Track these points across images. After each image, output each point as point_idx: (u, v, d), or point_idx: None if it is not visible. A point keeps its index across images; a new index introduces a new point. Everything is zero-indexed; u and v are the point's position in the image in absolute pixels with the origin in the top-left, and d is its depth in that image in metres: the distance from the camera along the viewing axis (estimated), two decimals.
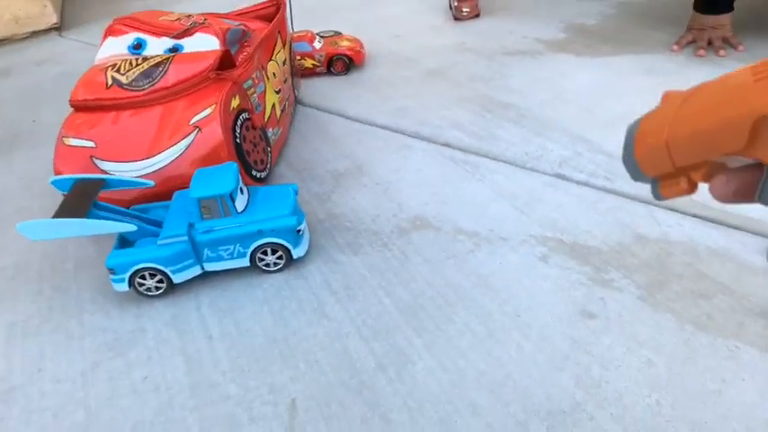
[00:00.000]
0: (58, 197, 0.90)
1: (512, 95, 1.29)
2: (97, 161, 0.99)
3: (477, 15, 1.83)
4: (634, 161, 0.33)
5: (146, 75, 1.02)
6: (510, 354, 0.70)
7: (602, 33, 1.52)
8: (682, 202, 0.89)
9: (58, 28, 2.35)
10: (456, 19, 1.84)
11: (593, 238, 0.86)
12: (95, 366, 0.78)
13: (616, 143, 1.06)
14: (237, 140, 1.01)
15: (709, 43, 1.32)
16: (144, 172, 0.98)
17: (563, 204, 0.94)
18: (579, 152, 1.05)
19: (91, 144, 1.00)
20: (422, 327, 0.76)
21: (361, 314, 0.79)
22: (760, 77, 0.24)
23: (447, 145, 1.16)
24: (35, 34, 2.32)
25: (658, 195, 0.32)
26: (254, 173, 1.05)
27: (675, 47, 1.36)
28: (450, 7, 1.88)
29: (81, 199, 0.84)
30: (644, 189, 0.92)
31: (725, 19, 1.31)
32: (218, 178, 0.85)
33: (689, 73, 1.25)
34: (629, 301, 0.74)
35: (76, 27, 2.40)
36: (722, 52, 1.29)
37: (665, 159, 0.30)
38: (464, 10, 1.80)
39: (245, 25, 1.25)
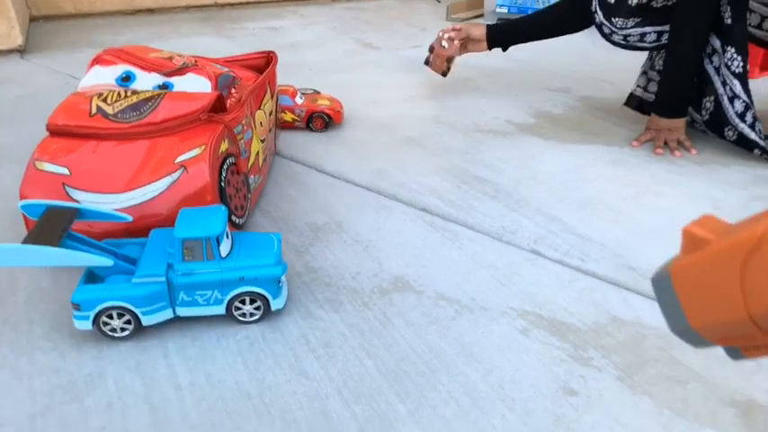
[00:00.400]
0: (10, 222, 0.85)
1: (486, 170, 1.34)
2: (70, 189, 0.95)
3: (447, 69, 1.79)
4: (693, 333, 0.31)
5: (134, 108, 1.00)
6: (495, 426, 0.70)
7: (569, 123, 1.62)
8: (651, 289, 0.93)
9: (21, 50, 2.27)
10: (429, 64, 1.79)
11: (571, 315, 0.88)
12: (46, 411, 0.71)
13: (587, 226, 1.12)
14: (222, 184, 0.99)
15: (666, 143, 1.43)
16: (120, 206, 0.94)
17: (540, 279, 0.96)
18: (553, 231, 1.10)
19: (65, 171, 0.96)
20: (405, 393, 0.74)
21: (342, 375, 0.77)
22: None
23: (425, 210, 1.18)
24: None
25: (739, 357, 0.30)
26: (233, 218, 1.02)
27: (635, 143, 1.46)
28: (428, 62, 1.82)
29: (53, 227, 0.79)
30: (616, 272, 0.96)
31: (679, 122, 1.43)
32: (204, 220, 0.83)
33: (650, 167, 1.35)
34: (609, 381, 0.76)
35: (41, 51, 2.33)
36: (677, 153, 1.40)
37: (751, 330, 0.27)
38: (443, 44, 1.73)
39: (234, 72, 1.26)
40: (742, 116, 1.37)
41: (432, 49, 1.83)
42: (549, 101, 1.81)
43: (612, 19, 1.45)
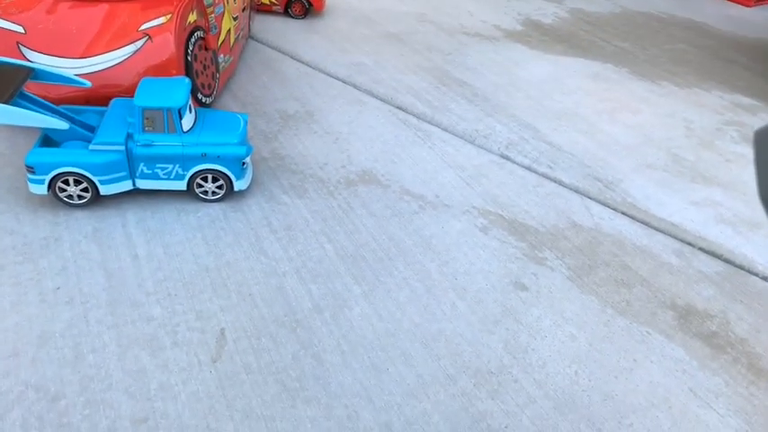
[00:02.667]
0: None
1: (467, 74, 1.31)
2: (24, 49, 0.89)
3: None
4: None
5: None
6: (444, 312, 0.72)
7: (556, 33, 1.57)
8: (614, 200, 0.95)
9: None
10: None
11: (532, 218, 0.89)
12: (0, 269, 0.71)
13: (560, 136, 1.11)
14: (189, 58, 0.94)
15: None
16: (79, 71, 0.89)
17: (506, 183, 0.97)
18: (525, 138, 1.09)
19: (19, 29, 0.90)
20: (361, 276, 0.75)
21: (301, 256, 0.78)
22: None
23: (401, 108, 1.15)
24: None
25: None
26: (199, 96, 0.98)
27: None
28: None
29: (4, 84, 0.75)
30: (581, 182, 0.97)
31: None
32: (167, 91, 0.79)
33: (630, 85, 1.33)
34: (560, 279, 0.78)
35: None
36: None
37: None
38: None
39: None
40: None
41: None
42: (539, 10, 1.74)
43: None
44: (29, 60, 0.89)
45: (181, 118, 0.79)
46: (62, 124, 0.75)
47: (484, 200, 0.92)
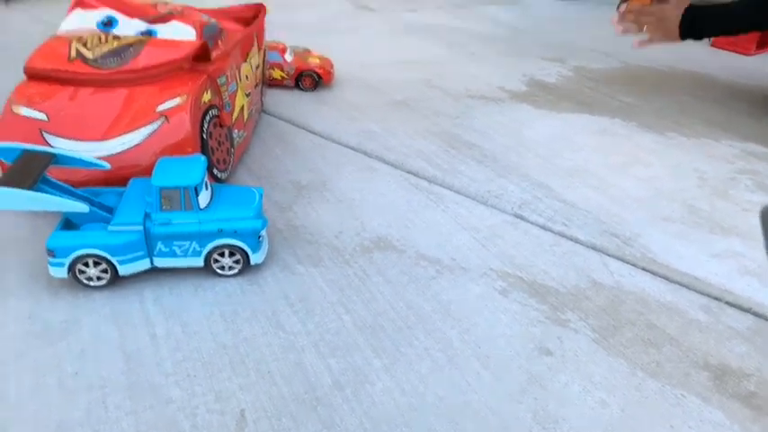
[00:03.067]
0: None
1: (475, 136, 1.33)
2: (47, 135, 0.92)
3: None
4: None
5: (115, 53, 0.97)
6: (469, 382, 0.70)
7: (561, 92, 1.60)
8: (633, 255, 0.94)
9: None
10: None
11: (551, 278, 0.88)
12: (19, 356, 0.70)
13: (573, 193, 1.11)
14: (204, 136, 0.97)
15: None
16: (99, 154, 0.91)
17: (522, 243, 0.96)
18: (538, 197, 1.09)
19: (42, 116, 0.93)
20: (381, 347, 0.74)
21: (319, 328, 0.77)
22: None
23: (411, 173, 1.17)
24: None
25: None
26: (215, 172, 1.00)
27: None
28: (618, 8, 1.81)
29: (28, 171, 0.77)
30: (598, 239, 0.96)
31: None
32: (184, 169, 0.81)
33: (638, 138, 1.35)
34: (585, 342, 0.76)
35: (25, 1, 2.26)
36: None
37: None
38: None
39: (221, 24, 1.23)
40: None
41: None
42: (543, 70, 1.78)
43: None
44: (51, 146, 0.92)
45: (197, 195, 0.80)
46: (82, 207, 0.76)
47: (501, 261, 0.91)
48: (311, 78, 1.52)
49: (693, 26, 1.27)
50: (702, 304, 0.84)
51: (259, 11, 1.33)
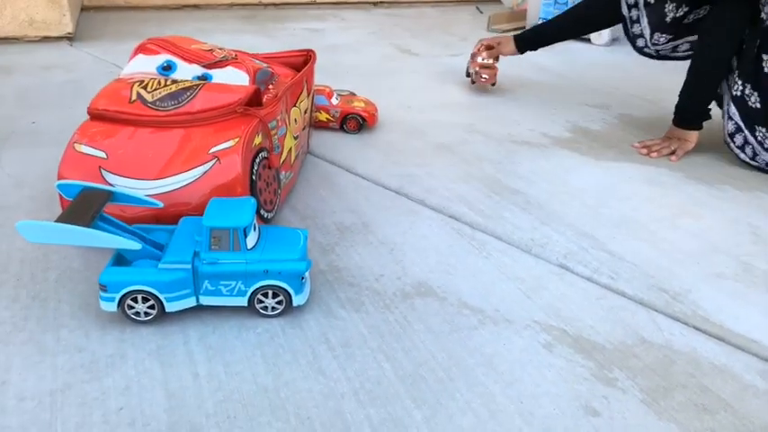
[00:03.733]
0: (46, 202, 0.86)
1: (519, 182, 1.32)
2: (105, 173, 0.96)
3: (494, 84, 1.91)
4: None
5: (173, 96, 1.02)
6: None
7: (606, 139, 1.59)
8: (684, 313, 0.91)
9: (71, 38, 2.34)
10: (473, 83, 1.92)
11: (597, 333, 0.86)
12: (67, 388, 0.72)
13: (620, 244, 1.09)
14: (253, 177, 1.00)
15: (673, 152, 1.49)
16: (152, 192, 0.95)
17: (567, 295, 0.94)
18: (584, 247, 1.07)
19: (102, 154, 0.98)
20: (422, 399, 0.73)
21: (359, 376, 0.76)
22: None
23: (453, 218, 1.17)
24: (46, 39, 2.30)
25: None
26: (262, 212, 1.03)
27: (638, 146, 1.53)
28: (469, 74, 1.95)
29: (86, 208, 0.81)
30: (647, 293, 0.94)
31: (692, 135, 1.49)
32: (233, 210, 0.83)
33: (688, 189, 1.31)
34: (633, 404, 0.73)
35: (89, 40, 2.40)
36: (673, 158, 1.48)
37: None
38: (483, 76, 1.88)
39: (272, 68, 1.27)
40: (731, 136, 1.43)
41: (470, 66, 1.89)
42: (586, 116, 1.78)
43: (655, 35, 1.48)
44: (109, 183, 0.96)
45: (246, 236, 0.82)
46: (135, 245, 0.79)
47: (546, 314, 0.89)
48: (356, 121, 1.55)
49: (526, 42, 1.74)
50: (760, 369, 0.80)
51: (309, 56, 1.38)
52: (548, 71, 2.26)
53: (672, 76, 1.65)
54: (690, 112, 1.48)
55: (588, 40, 2.70)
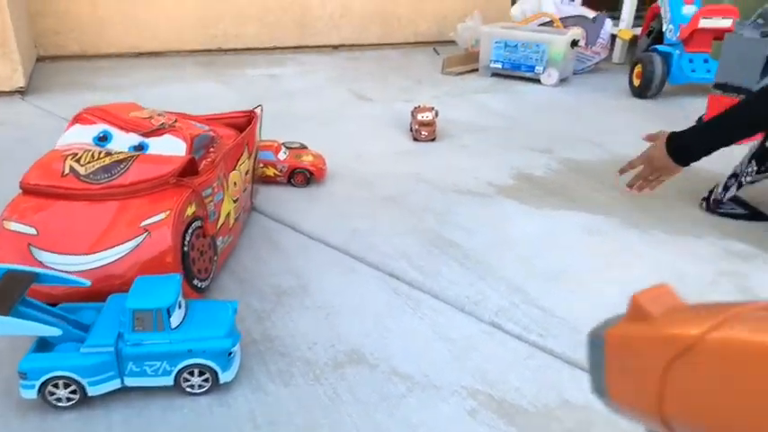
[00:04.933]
0: None
1: (459, 233, 1.35)
2: (34, 250, 0.96)
3: (434, 139, 1.96)
4: (611, 402, 0.29)
5: (105, 169, 1.03)
6: None
7: (548, 186, 1.64)
8: None
9: (22, 92, 2.34)
10: (415, 140, 1.97)
11: (522, 396, 0.88)
12: None
13: (551, 298, 1.12)
14: (186, 248, 1.00)
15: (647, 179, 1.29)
16: (83, 267, 0.95)
17: (496, 355, 0.96)
18: (515, 303, 1.10)
19: (32, 231, 0.98)
20: None
21: None
22: None
23: (393, 275, 1.19)
24: None
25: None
26: (195, 282, 1.03)
27: (628, 168, 1.31)
28: (411, 129, 2.00)
29: (8, 293, 0.80)
30: (573, 350, 0.96)
31: (678, 169, 1.26)
32: (158, 290, 0.84)
33: (623, 237, 1.36)
34: None
35: (42, 93, 2.40)
36: (646, 190, 1.29)
37: (660, 428, 0.25)
38: (423, 133, 1.94)
39: (214, 131, 1.29)
40: (714, 201, 1.47)
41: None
42: (530, 161, 1.83)
43: None
44: (38, 260, 0.95)
45: (170, 316, 0.82)
46: (55, 331, 0.78)
47: (473, 377, 0.91)
48: (303, 175, 1.58)
49: (683, 154, 1.30)
50: None
51: (251, 117, 1.40)
52: (495, 114, 2.33)
53: (616, 117, 1.71)
54: (695, 153, 1.25)
55: (538, 81, 2.79)
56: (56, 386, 0.80)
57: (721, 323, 0.22)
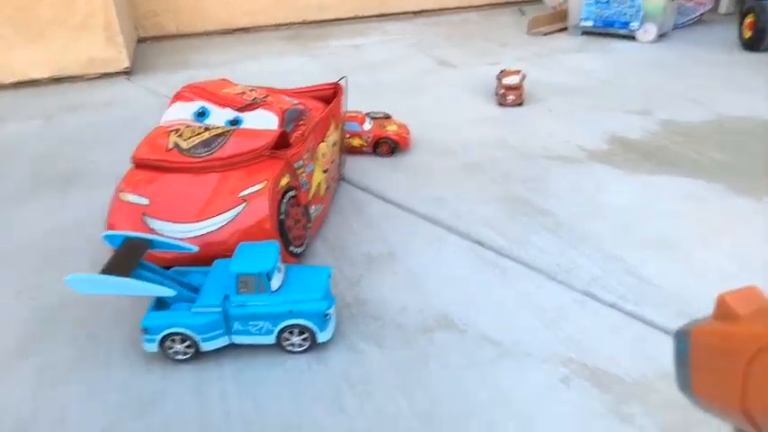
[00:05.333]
0: (103, 245, 0.94)
1: (549, 201, 1.32)
2: (147, 219, 1.05)
3: (521, 104, 1.90)
4: (695, 399, 0.29)
5: (205, 143, 1.09)
6: None
7: (645, 150, 1.55)
8: None
9: (128, 72, 2.51)
10: (500, 104, 1.92)
11: (617, 365, 0.86)
12: (116, 425, 0.80)
13: (648, 267, 1.07)
14: (282, 216, 1.05)
15: None
16: (190, 234, 1.02)
17: (589, 326, 0.94)
18: (610, 271, 1.06)
19: (145, 201, 1.06)
20: None
21: (377, 413, 0.80)
22: None
23: (479, 243, 1.18)
24: (105, 75, 2.48)
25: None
26: (291, 248, 1.08)
27: None
28: (496, 93, 1.95)
29: (128, 257, 0.89)
30: (674, 321, 0.92)
31: None
32: (259, 255, 0.89)
33: (728, 203, 1.27)
34: None
35: (145, 73, 2.55)
36: None
37: (745, 425, 0.25)
38: (509, 97, 1.89)
39: (303, 104, 1.33)
40: None
41: None
42: (625, 124, 1.74)
43: None
44: (150, 228, 1.04)
45: (270, 280, 0.87)
46: (170, 292, 0.86)
47: (566, 345, 0.90)
48: (388, 145, 1.59)
49: None
50: None
51: (337, 90, 1.42)
52: (586, 74, 2.22)
53: (723, 73, 1.58)
54: None
55: (633, 38, 2.62)
56: (173, 341, 0.88)
57: None
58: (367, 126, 1.60)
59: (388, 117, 1.69)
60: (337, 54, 2.76)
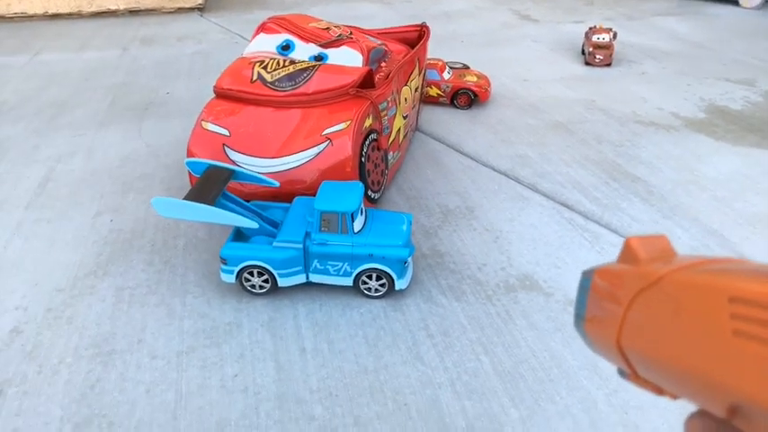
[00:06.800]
0: (178, 171, 0.93)
1: (641, 168, 1.23)
2: (228, 150, 1.03)
3: (609, 65, 1.78)
4: (586, 336, 0.28)
5: (290, 77, 1.05)
6: None
7: (747, 121, 1.43)
8: None
9: (201, 8, 2.49)
10: (587, 64, 1.80)
11: None
12: (191, 351, 0.80)
13: (752, 246, 0.99)
14: (363, 159, 1.02)
15: None
16: (270, 170, 1.00)
17: None
18: (709, 246, 0.98)
19: (225, 132, 1.04)
20: (519, 398, 0.72)
21: (457, 367, 0.77)
22: (740, 329, 0.18)
23: (566, 206, 1.12)
24: (180, 10, 2.46)
25: (625, 378, 0.26)
26: (369, 193, 1.05)
27: None
28: (583, 52, 1.84)
29: (211, 186, 0.87)
30: None
31: None
32: (343, 195, 0.86)
33: None
34: None
35: (217, 10, 2.53)
36: None
37: (621, 361, 0.25)
38: (598, 57, 1.77)
39: (386, 45, 1.27)
40: None
41: None
42: (726, 93, 1.60)
43: None
44: (231, 159, 1.02)
45: (353, 221, 0.84)
46: (253, 224, 0.84)
47: None
48: (467, 96, 1.52)
49: None
50: None
51: (423, 32, 1.35)
52: (682, 39, 2.06)
53: None
54: None
55: (735, 2, 2.41)
56: (251, 274, 0.86)
57: (692, 266, 0.22)
58: (446, 75, 1.53)
59: (466, 67, 1.61)
60: (412, 2, 2.65)
